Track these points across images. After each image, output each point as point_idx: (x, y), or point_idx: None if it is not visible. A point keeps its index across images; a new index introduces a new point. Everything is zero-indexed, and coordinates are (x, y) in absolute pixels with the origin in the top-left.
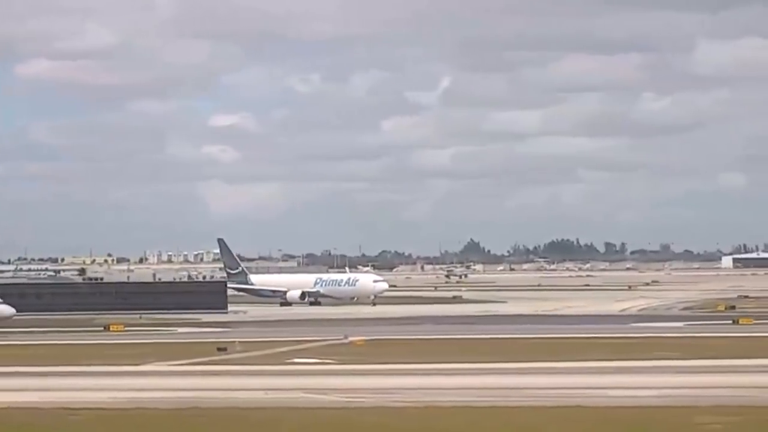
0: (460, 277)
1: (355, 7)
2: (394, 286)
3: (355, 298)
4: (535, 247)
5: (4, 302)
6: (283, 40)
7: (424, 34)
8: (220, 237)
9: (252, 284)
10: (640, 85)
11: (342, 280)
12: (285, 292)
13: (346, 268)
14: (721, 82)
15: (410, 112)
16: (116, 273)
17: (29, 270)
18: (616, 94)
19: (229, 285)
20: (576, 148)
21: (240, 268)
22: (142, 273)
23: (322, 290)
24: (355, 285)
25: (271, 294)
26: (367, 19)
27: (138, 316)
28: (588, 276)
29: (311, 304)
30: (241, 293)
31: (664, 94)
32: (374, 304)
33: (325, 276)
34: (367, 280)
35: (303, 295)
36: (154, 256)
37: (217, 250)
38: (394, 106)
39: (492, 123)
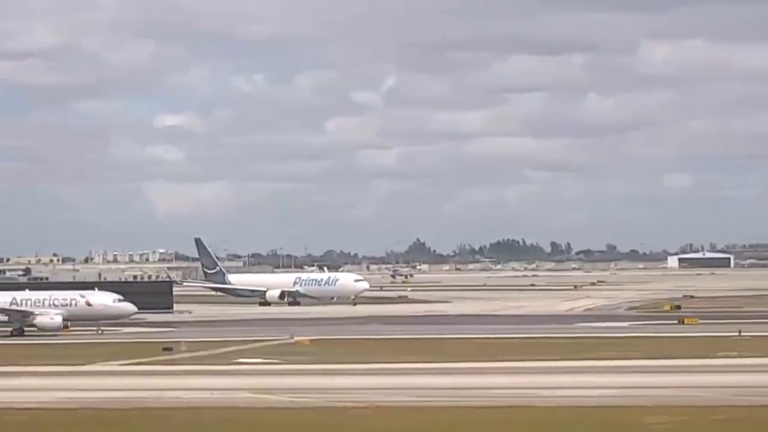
0: (406, 277)
1: (298, 8)
2: None
3: (335, 298)
4: (481, 247)
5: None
6: (228, 41)
7: (368, 34)
8: (198, 237)
9: (230, 284)
10: (585, 86)
11: (322, 280)
12: (264, 292)
13: (325, 268)
14: (665, 82)
15: (355, 113)
16: (61, 273)
17: None
18: (561, 95)
19: (206, 285)
20: (521, 148)
21: (218, 268)
22: (87, 273)
23: (301, 290)
24: (335, 284)
25: (250, 294)
26: (311, 19)
27: None
28: (534, 276)
29: (290, 303)
30: (219, 293)
31: (608, 94)
32: (355, 304)
33: (304, 275)
34: (348, 279)
35: (282, 294)
36: (99, 255)
37: (163, 250)
38: (338, 106)
39: (436, 123)
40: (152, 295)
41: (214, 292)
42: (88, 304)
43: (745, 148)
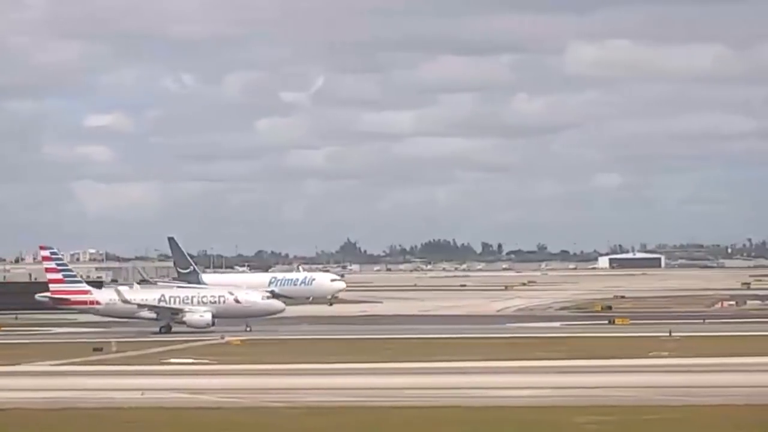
0: None
1: (227, 8)
2: None
3: (311, 298)
4: (412, 248)
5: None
6: (157, 41)
7: (297, 34)
8: (171, 236)
9: (204, 284)
10: (513, 86)
11: (297, 280)
12: None
13: (300, 267)
14: (592, 82)
15: (284, 113)
16: None
17: None
18: (490, 95)
19: (180, 285)
20: (451, 148)
21: (191, 268)
22: (17, 273)
23: (277, 290)
24: (311, 284)
25: None
26: (240, 19)
27: (14, 316)
28: (465, 276)
29: None
30: None
31: (537, 94)
32: (331, 304)
33: (280, 275)
34: (324, 279)
35: None
36: (30, 256)
37: (93, 250)
38: (267, 106)
39: (366, 123)
40: None
41: None
42: (237, 302)
43: (675, 148)
